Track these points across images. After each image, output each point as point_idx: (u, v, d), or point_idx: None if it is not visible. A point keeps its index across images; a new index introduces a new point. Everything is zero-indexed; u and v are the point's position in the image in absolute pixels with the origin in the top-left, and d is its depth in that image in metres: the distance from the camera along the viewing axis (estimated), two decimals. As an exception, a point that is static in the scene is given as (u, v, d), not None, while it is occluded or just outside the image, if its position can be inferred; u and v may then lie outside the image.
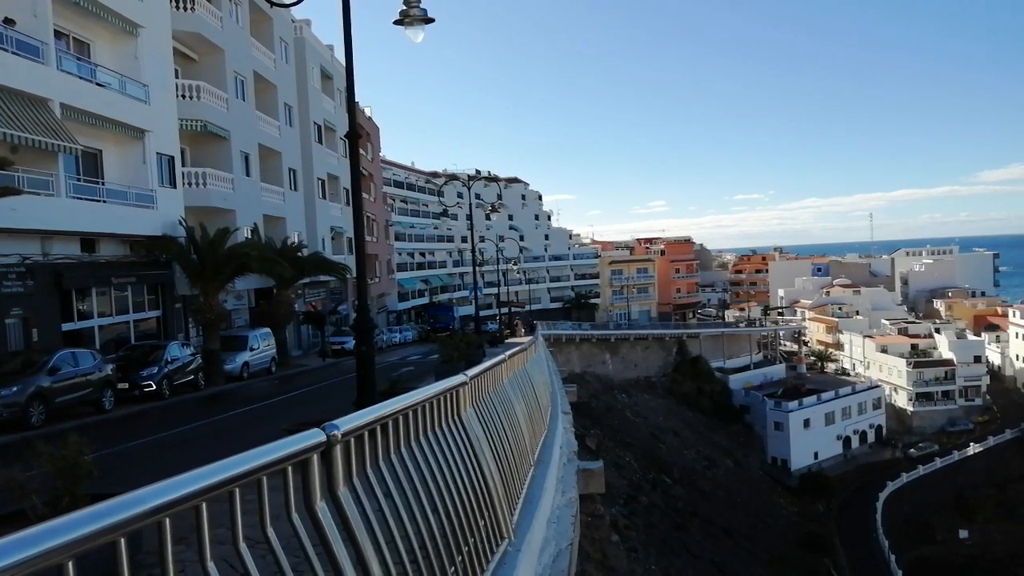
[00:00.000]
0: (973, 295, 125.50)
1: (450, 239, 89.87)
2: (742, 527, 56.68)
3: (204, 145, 34.55)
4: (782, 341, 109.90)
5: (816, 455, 77.45)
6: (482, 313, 78.51)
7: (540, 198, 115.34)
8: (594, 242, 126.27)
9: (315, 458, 2.60)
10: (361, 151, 55.86)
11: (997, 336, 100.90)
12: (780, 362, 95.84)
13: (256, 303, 38.34)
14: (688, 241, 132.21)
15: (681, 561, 43.06)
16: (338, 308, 50.64)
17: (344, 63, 12.69)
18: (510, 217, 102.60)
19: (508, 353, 7.64)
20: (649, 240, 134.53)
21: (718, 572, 45.53)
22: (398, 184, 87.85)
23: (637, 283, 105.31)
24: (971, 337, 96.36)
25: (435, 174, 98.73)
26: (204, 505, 1.98)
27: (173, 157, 29.71)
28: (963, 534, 73.55)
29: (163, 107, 28.87)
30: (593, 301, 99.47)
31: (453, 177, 69.22)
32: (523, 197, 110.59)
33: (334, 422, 2.77)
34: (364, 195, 54.87)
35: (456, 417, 4.85)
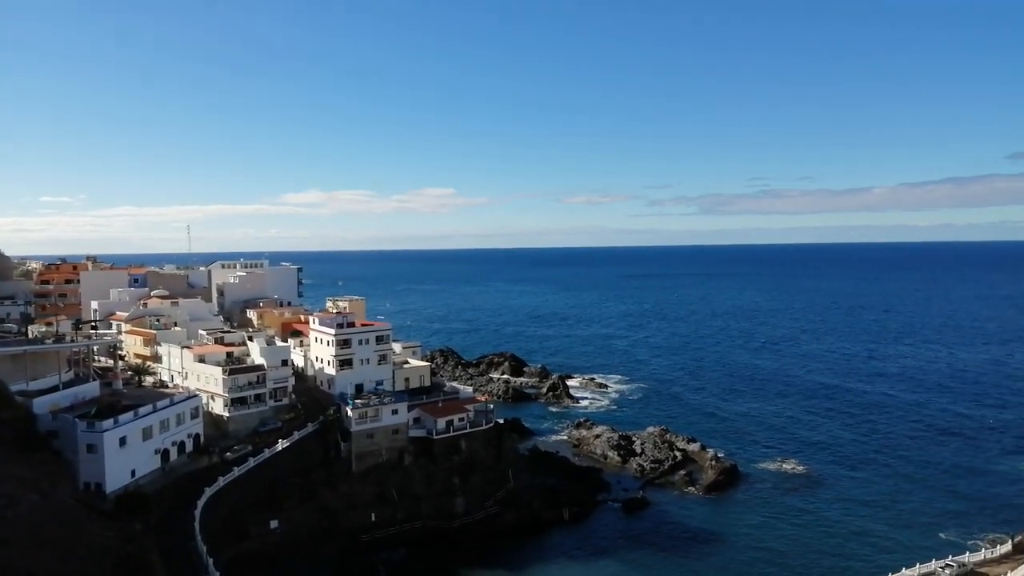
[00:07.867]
0: (281, 304, 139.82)
1: None
2: (50, 565, 50.63)
3: None
4: (96, 357, 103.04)
5: (134, 473, 74.62)
6: None
7: None
8: None
9: None
10: None
11: (301, 341, 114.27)
12: (94, 379, 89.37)
13: None
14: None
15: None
16: None
17: None
18: None
19: None
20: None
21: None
22: None
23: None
24: (279, 343, 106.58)
25: None
26: None
27: None
28: (274, 524, 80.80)
29: None
30: None
31: None
32: None
33: None
34: None
35: None
